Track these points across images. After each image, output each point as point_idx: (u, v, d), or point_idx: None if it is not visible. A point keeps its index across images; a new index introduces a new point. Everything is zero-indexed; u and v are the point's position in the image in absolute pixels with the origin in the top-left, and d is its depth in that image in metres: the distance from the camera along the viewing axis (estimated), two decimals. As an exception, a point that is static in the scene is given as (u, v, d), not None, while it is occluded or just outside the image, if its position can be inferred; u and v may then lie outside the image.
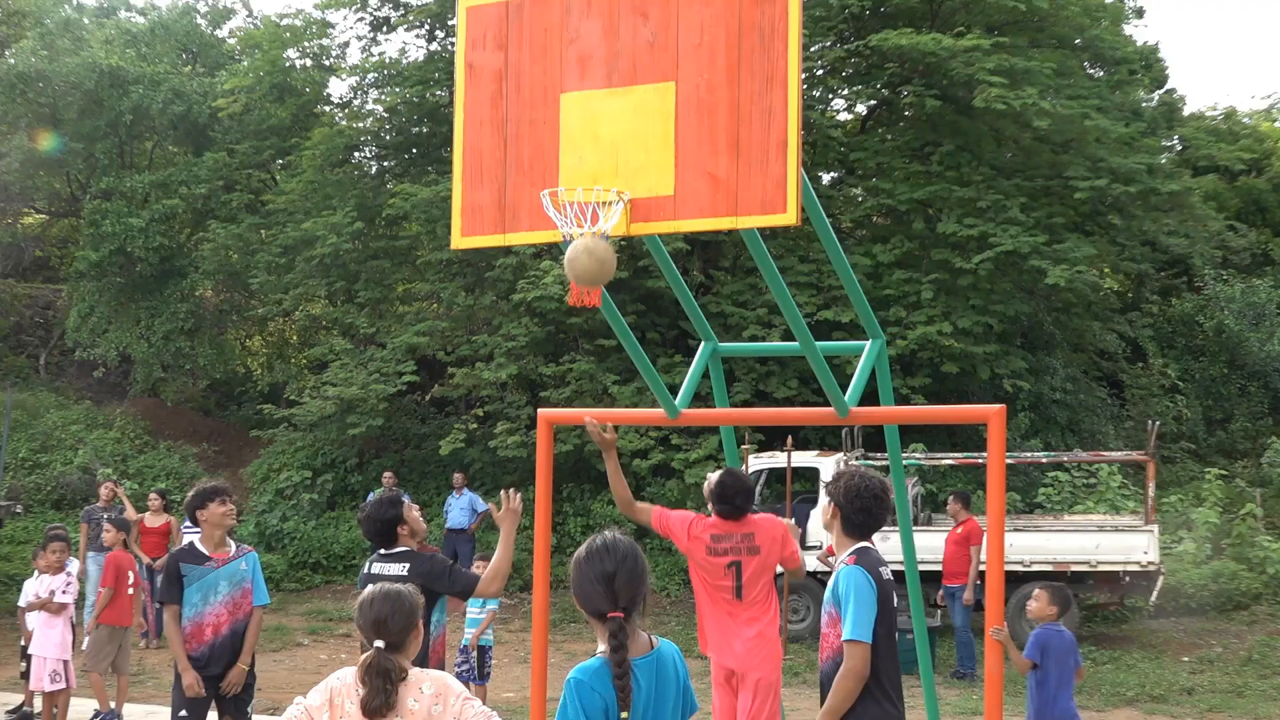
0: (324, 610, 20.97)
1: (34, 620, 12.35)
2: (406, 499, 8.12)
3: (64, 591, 12.32)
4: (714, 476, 8.02)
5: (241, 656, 8.26)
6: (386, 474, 22.47)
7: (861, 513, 6.30)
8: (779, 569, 8.12)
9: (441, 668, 7.63)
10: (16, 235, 33.30)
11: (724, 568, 7.81)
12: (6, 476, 24.96)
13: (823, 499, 6.37)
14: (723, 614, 7.92)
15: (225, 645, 8.19)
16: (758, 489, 18.67)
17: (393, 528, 7.61)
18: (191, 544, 8.40)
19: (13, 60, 30.13)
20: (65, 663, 12.12)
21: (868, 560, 6.18)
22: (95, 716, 12.49)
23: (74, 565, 12.74)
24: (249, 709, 8.52)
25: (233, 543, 8.48)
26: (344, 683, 4.95)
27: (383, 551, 7.56)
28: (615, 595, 4.36)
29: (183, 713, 8.17)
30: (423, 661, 7.24)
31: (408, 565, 7.31)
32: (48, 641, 12.15)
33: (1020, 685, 15.12)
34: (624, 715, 4.25)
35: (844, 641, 5.99)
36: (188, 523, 17.71)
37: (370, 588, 5.07)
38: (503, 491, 7.57)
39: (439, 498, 22.74)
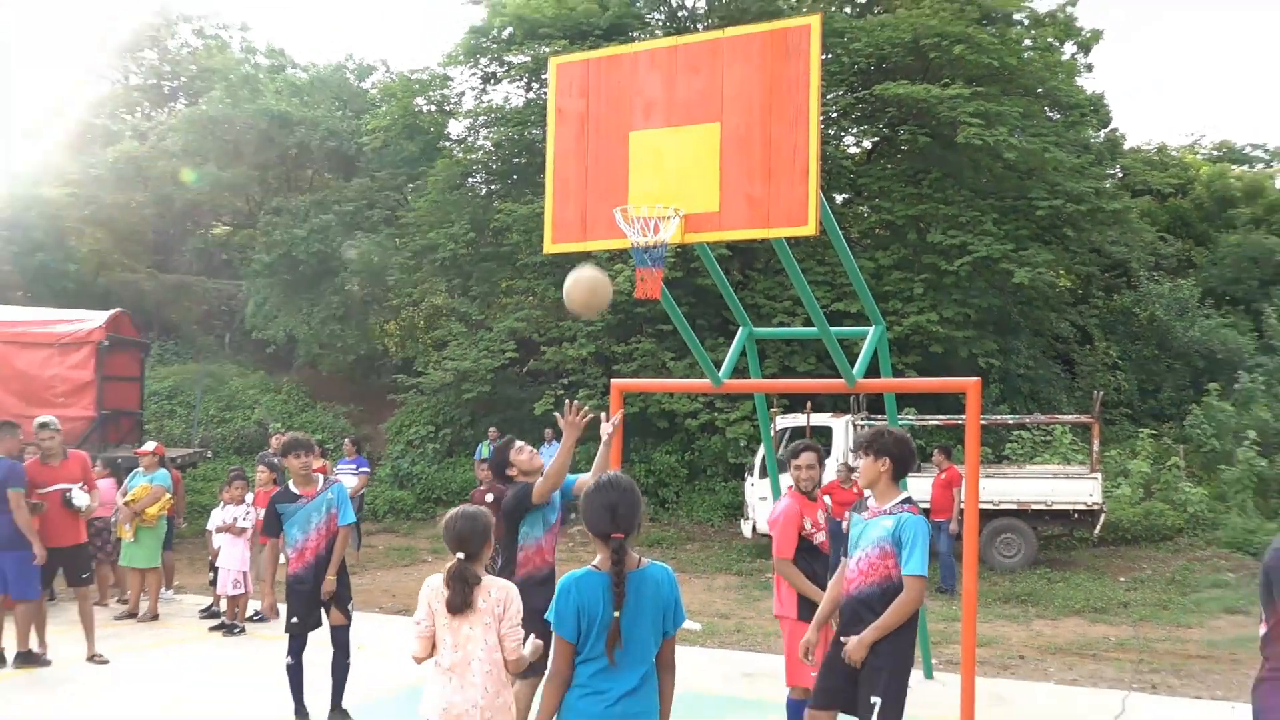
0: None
1: (220, 540, 12.54)
2: (518, 444, 8.12)
3: (244, 518, 12.51)
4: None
5: (329, 568, 8.24)
6: (492, 429, 22.54)
7: (909, 456, 6.13)
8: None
9: (532, 570, 7.58)
10: (207, 242, 33.72)
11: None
12: (199, 429, 25.32)
13: (864, 459, 5.86)
14: None
15: (325, 561, 8.27)
16: (781, 445, 18.64)
17: (503, 467, 7.74)
18: (286, 486, 8.41)
19: (205, 106, 30.50)
20: (244, 574, 12.33)
21: (919, 509, 5.97)
22: (254, 615, 12.65)
23: (251, 497, 12.88)
24: (349, 606, 8.56)
25: (321, 478, 8.47)
26: (432, 588, 5.13)
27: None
28: (617, 521, 4.38)
29: (294, 619, 8.26)
30: (511, 563, 7.31)
31: (503, 491, 7.39)
32: (230, 557, 12.36)
33: (990, 598, 15.10)
34: (616, 614, 4.31)
35: (907, 575, 5.78)
36: (342, 462, 17.96)
37: (451, 511, 5.17)
38: (567, 402, 7.19)
39: (530, 444, 22.85)
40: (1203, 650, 12.53)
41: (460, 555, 5.01)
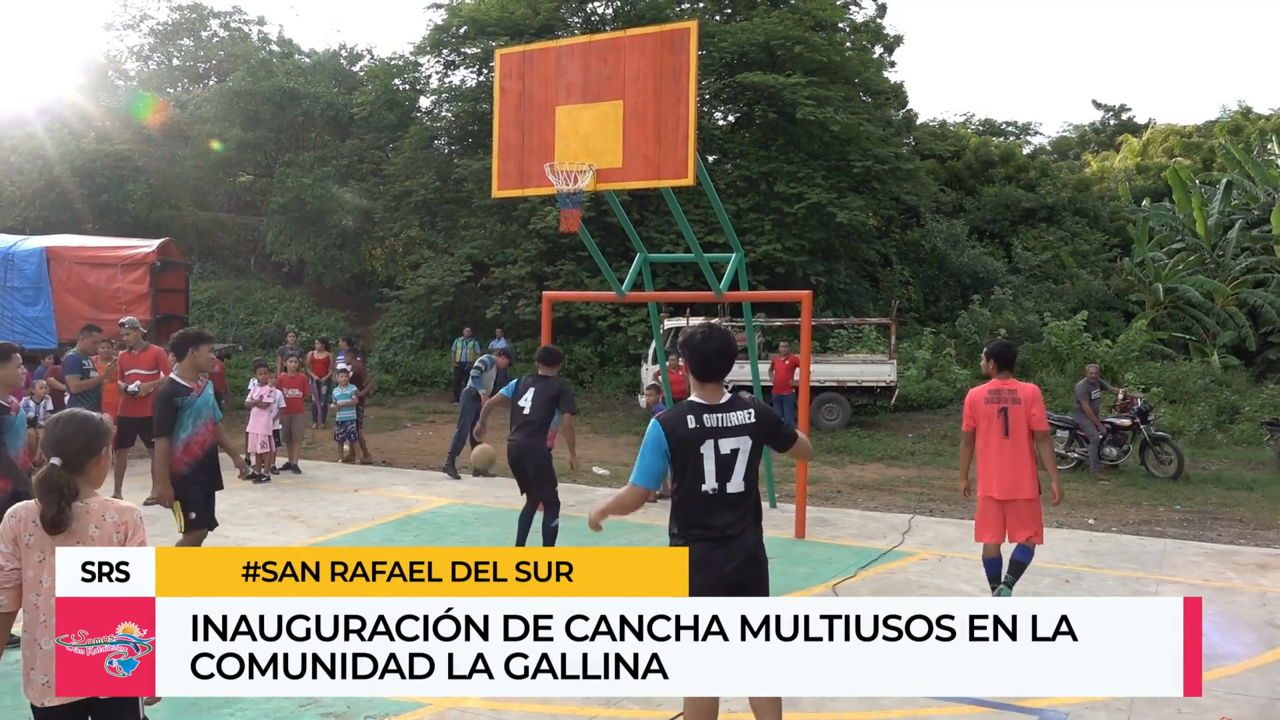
0: (419, 407, 20.82)
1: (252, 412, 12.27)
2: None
3: (268, 396, 12.23)
4: (992, 346, 6.58)
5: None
6: (466, 329, 21.89)
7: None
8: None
9: (206, 457, 6.35)
10: (235, 188, 32.48)
11: (996, 412, 6.39)
12: (233, 329, 24.65)
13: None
14: (994, 449, 6.44)
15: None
16: (667, 343, 18.51)
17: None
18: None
19: (231, 83, 29.33)
20: (268, 436, 12.09)
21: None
22: (285, 466, 12.45)
23: (273, 379, 12.58)
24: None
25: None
26: (19, 518, 3.09)
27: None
28: None
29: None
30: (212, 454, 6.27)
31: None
32: (258, 423, 12.09)
33: (818, 450, 15.31)
34: None
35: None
36: (341, 354, 17.52)
37: (61, 412, 3.23)
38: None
39: (486, 341, 22.58)
40: (964, 485, 12.90)
41: (55, 461, 3.07)
